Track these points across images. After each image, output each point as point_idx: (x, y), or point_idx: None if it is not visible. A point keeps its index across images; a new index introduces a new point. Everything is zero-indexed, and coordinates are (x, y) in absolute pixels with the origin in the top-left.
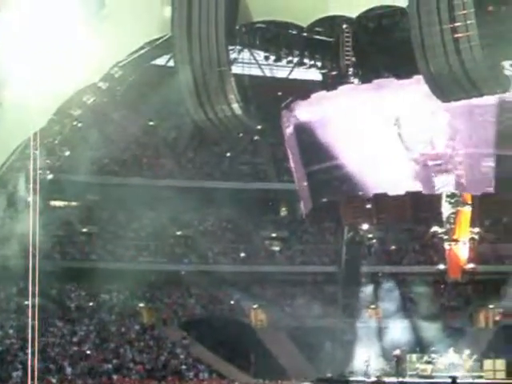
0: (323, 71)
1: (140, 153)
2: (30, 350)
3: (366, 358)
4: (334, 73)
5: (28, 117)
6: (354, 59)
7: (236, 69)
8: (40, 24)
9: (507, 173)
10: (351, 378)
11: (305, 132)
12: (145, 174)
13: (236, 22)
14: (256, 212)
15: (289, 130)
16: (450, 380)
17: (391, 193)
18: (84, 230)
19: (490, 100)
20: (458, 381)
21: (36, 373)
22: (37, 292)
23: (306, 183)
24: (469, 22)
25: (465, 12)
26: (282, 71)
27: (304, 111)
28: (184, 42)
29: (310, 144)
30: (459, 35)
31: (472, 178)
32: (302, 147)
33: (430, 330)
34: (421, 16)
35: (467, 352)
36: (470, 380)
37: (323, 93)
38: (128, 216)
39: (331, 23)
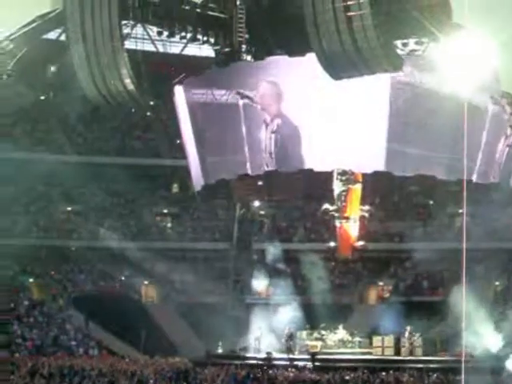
0: (216, 48)
1: (31, 127)
2: None
3: (256, 334)
4: (226, 49)
5: None
6: (247, 36)
7: (129, 44)
8: None
9: (396, 152)
10: (242, 354)
11: (198, 110)
12: (35, 149)
13: None
14: (147, 188)
15: (182, 107)
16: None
17: (282, 170)
18: None
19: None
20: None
21: None
22: None
23: (198, 161)
24: (362, 0)
25: None
26: (175, 47)
27: (197, 89)
28: (76, 17)
29: (202, 122)
30: (352, 14)
31: (362, 155)
32: (195, 125)
33: (320, 307)
34: None
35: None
36: (359, 356)
37: (216, 70)
38: (18, 191)
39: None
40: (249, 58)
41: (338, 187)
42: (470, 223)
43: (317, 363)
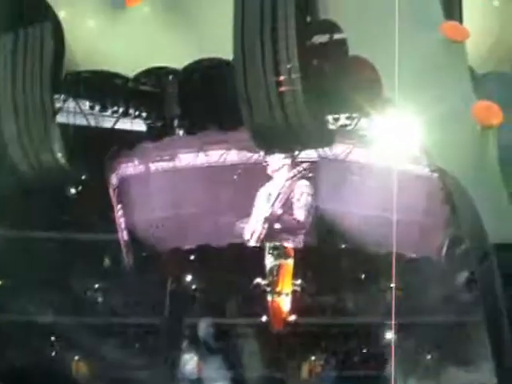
0: (148, 122)
1: None
2: None
3: None
4: (159, 124)
5: None
6: (179, 110)
7: (61, 118)
8: None
9: (327, 225)
10: None
11: (128, 184)
12: None
13: (62, 71)
14: (78, 262)
15: (113, 181)
16: None
17: (214, 244)
18: None
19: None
20: None
21: None
22: None
23: (126, 236)
24: (293, 76)
25: (290, 66)
26: (107, 121)
27: (128, 163)
28: (8, 91)
29: (133, 196)
30: (284, 89)
31: (293, 230)
32: (125, 199)
33: (252, 382)
34: (246, 69)
35: None
36: None
37: (147, 144)
38: None
39: (157, 74)
40: (181, 132)
41: (269, 262)
42: (401, 297)
43: None
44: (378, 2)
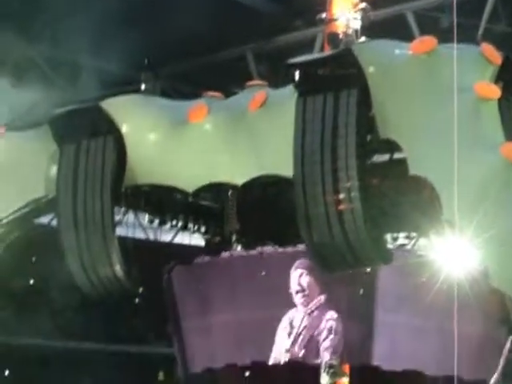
0: (207, 237)
1: (19, 312)
2: None
3: None
4: (217, 239)
5: None
6: (237, 226)
7: (120, 231)
8: None
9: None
10: None
11: (185, 297)
12: (22, 333)
13: (122, 185)
14: (133, 375)
15: (170, 295)
16: None
17: (270, 362)
18: None
19: None
20: None
21: None
22: None
23: (182, 349)
24: (352, 194)
25: (349, 185)
26: (165, 235)
27: (185, 276)
28: (68, 203)
29: (190, 310)
30: (343, 207)
31: (350, 349)
32: (182, 312)
33: None
34: (305, 186)
35: None
36: None
37: (206, 259)
38: (1, 375)
39: (216, 190)
40: (239, 247)
41: (325, 380)
42: None
43: None
44: (438, 122)
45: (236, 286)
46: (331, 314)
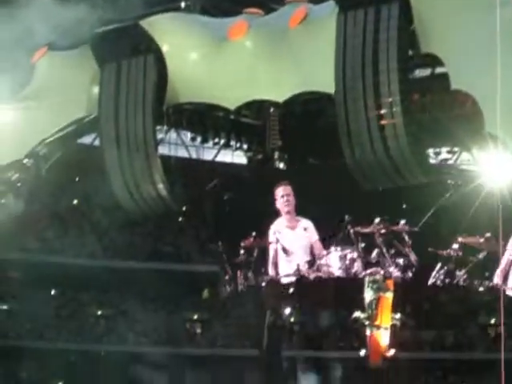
0: (249, 154)
1: (62, 231)
2: None
3: None
4: (259, 156)
5: None
6: (280, 143)
7: (162, 149)
8: None
9: (427, 259)
10: None
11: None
12: (67, 253)
13: (163, 103)
14: (178, 293)
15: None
16: None
17: (313, 276)
18: (3, 307)
19: None
20: None
21: None
22: None
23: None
24: (394, 109)
25: (390, 100)
26: (208, 153)
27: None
28: (110, 122)
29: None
30: (385, 122)
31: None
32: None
33: None
34: (347, 102)
35: None
36: None
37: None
38: (48, 294)
39: (258, 107)
40: (281, 165)
41: (368, 295)
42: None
43: None
44: (481, 36)
45: None
46: None
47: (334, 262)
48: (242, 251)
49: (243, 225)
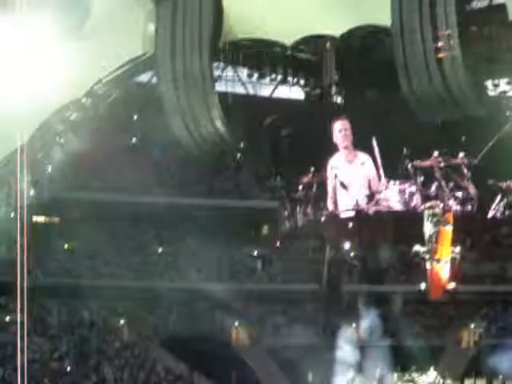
0: (306, 89)
1: (122, 170)
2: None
3: (349, 376)
4: (316, 91)
5: (10, 132)
6: (337, 78)
7: (219, 86)
8: (21, 34)
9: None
10: None
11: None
12: (126, 191)
13: (220, 40)
14: (237, 229)
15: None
16: None
17: (372, 210)
18: (65, 246)
19: None
20: None
21: None
22: (22, 309)
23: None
24: (452, 41)
25: (448, 32)
26: (264, 89)
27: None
28: (167, 60)
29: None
30: (442, 55)
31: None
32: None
33: (411, 349)
34: (404, 35)
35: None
36: None
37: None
38: (109, 233)
39: (315, 42)
40: (339, 99)
41: (428, 229)
42: None
43: None
44: None
45: None
46: None
47: (392, 196)
48: (300, 187)
49: (301, 160)
